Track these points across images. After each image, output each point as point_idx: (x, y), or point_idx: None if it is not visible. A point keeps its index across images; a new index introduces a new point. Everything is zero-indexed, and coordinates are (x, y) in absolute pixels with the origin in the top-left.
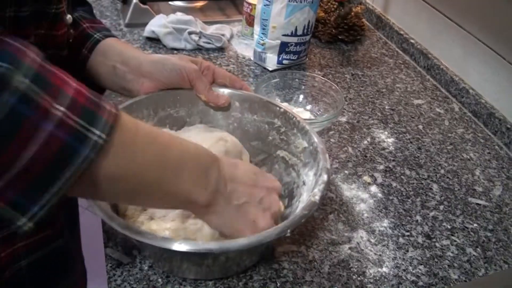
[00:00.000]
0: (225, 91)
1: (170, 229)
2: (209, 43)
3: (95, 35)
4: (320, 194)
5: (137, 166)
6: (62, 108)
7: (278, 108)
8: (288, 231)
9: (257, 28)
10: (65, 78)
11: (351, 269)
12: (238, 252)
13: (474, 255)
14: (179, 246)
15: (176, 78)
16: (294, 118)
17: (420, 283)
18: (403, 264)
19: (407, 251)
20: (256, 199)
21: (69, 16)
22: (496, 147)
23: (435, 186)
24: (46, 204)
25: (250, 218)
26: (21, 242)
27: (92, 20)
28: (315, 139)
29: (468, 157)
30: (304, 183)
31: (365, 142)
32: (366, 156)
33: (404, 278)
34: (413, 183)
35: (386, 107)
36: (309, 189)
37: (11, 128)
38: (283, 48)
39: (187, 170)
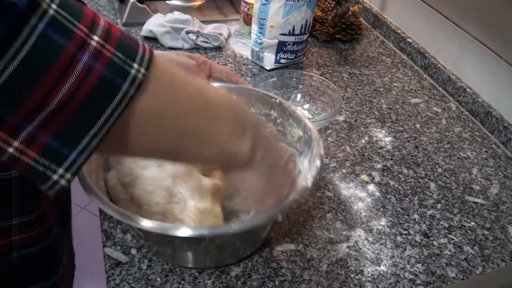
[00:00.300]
0: (222, 85)
1: (158, 213)
2: (206, 42)
3: None
4: (312, 180)
5: (178, 106)
6: (97, 38)
7: (274, 99)
8: (280, 216)
9: (254, 27)
10: (93, 10)
11: (349, 267)
12: (231, 237)
13: (471, 253)
14: (180, 232)
15: None
16: (290, 108)
17: (418, 281)
18: (401, 263)
19: (405, 249)
20: (282, 162)
21: None
22: (493, 145)
23: (432, 185)
24: (85, 150)
25: (277, 183)
26: (17, 236)
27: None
28: (310, 126)
29: (465, 155)
30: (299, 172)
31: (363, 141)
32: (363, 155)
33: (402, 276)
34: (411, 182)
35: (384, 106)
36: (304, 177)
37: (42, 58)
38: (280, 47)
39: (227, 117)
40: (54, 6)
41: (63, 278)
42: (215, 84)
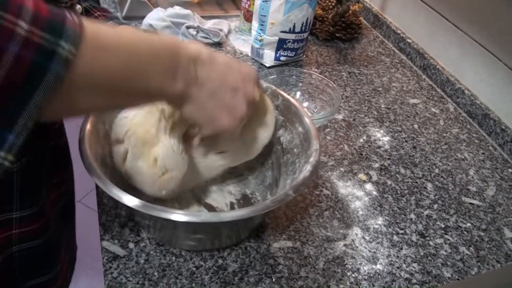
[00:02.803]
0: None
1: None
2: (206, 37)
3: (108, 23)
4: (311, 170)
5: (109, 71)
6: (25, 26)
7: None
8: (292, 192)
9: (255, 24)
10: None
11: (346, 265)
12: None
13: (467, 254)
14: (176, 216)
15: None
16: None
17: (414, 281)
18: (397, 262)
19: (401, 249)
20: (230, 85)
21: (78, 7)
22: (491, 147)
23: (429, 185)
24: (23, 131)
25: (224, 103)
26: (16, 229)
27: (103, 9)
28: (308, 122)
29: (463, 157)
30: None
31: (361, 140)
32: (361, 154)
33: (398, 275)
34: (408, 182)
35: (382, 106)
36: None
37: None
38: (280, 44)
39: (157, 64)
40: None
41: (61, 271)
42: None
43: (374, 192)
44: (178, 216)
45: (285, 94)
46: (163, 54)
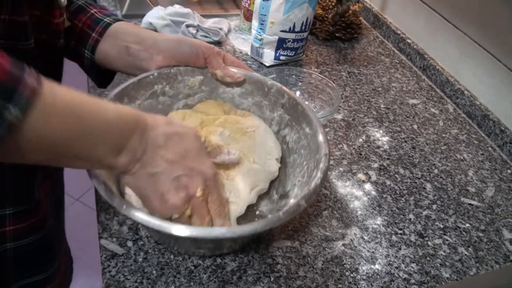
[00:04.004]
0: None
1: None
2: (206, 36)
3: (105, 19)
4: (321, 177)
5: (54, 137)
6: None
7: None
8: (304, 202)
9: (255, 23)
10: None
11: (344, 265)
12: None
13: (465, 254)
14: (189, 231)
15: (191, 55)
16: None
17: (412, 281)
18: (395, 262)
19: (400, 249)
20: (173, 174)
21: (63, 0)
22: (490, 148)
23: (428, 186)
24: None
25: (159, 189)
26: (10, 226)
27: (99, 6)
28: (315, 123)
29: (462, 157)
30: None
31: (360, 140)
32: (361, 154)
33: (397, 275)
34: (407, 182)
35: (382, 106)
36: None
37: None
38: (280, 44)
39: (104, 137)
40: None
41: (59, 270)
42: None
43: (373, 192)
44: (192, 231)
45: (291, 93)
46: (114, 128)
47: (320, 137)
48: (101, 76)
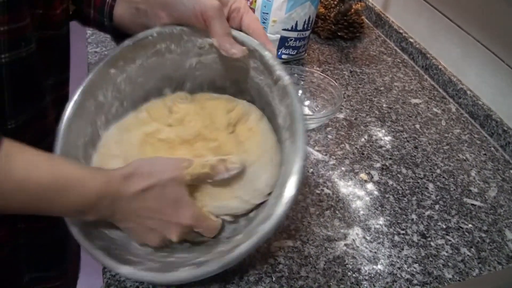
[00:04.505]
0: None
1: None
2: None
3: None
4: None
5: (11, 207)
6: None
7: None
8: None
9: None
10: None
11: (347, 265)
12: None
13: (468, 255)
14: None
15: (188, 14)
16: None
17: (415, 281)
18: (398, 262)
19: (402, 249)
20: (146, 227)
21: None
22: (492, 148)
23: (431, 186)
24: None
25: (134, 237)
26: (22, 224)
27: None
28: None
29: (464, 157)
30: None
31: (362, 139)
32: (363, 154)
33: (399, 276)
34: (409, 182)
35: (384, 105)
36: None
37: None
38: (282, 42)
39: (64, 204)
40: None
41: (69, 265)
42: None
43: (375, 192)
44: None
45: (294, 101)
46: (72, 194)
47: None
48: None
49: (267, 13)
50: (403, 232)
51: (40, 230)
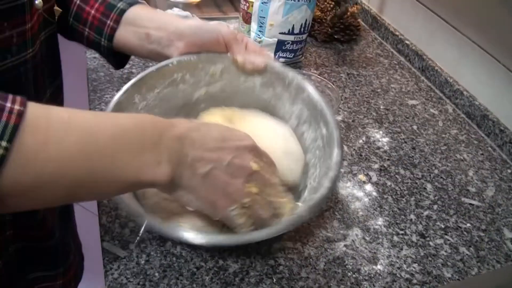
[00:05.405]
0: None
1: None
2: None
3: (118, 5)
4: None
5: (54, 168)
6: None
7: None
8: (307, 214)
9: (254, 26)
10: None
11: (346, 266)
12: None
13: (467, 254)
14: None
15: (212, 40)
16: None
17: (414, 281)
18: (397, 262)
19: (401, 249)
20: (223, 163)
21: (38, 0)
22: (489, 148)
23: (429, 186)
24: None
25: (219, 185)
26: (10, 230)
27: None
28: (333, 125)
29: (462, 158)
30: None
31: (360, 141)
32: (361, 155)
33: (398, 275)
34: (408, 183)
35: (381, 107)
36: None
37: None
38: (279, 46)
39: (125, 151)
40: None
41: (71, 266)
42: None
43: (374, 193)
44: (199, 238)
45: (311, 89)
46: (136, 135)
47: (335, 142)
48: (120, 59)
49: (264, 17)
50: (402, 232)
51: (36, 239)
